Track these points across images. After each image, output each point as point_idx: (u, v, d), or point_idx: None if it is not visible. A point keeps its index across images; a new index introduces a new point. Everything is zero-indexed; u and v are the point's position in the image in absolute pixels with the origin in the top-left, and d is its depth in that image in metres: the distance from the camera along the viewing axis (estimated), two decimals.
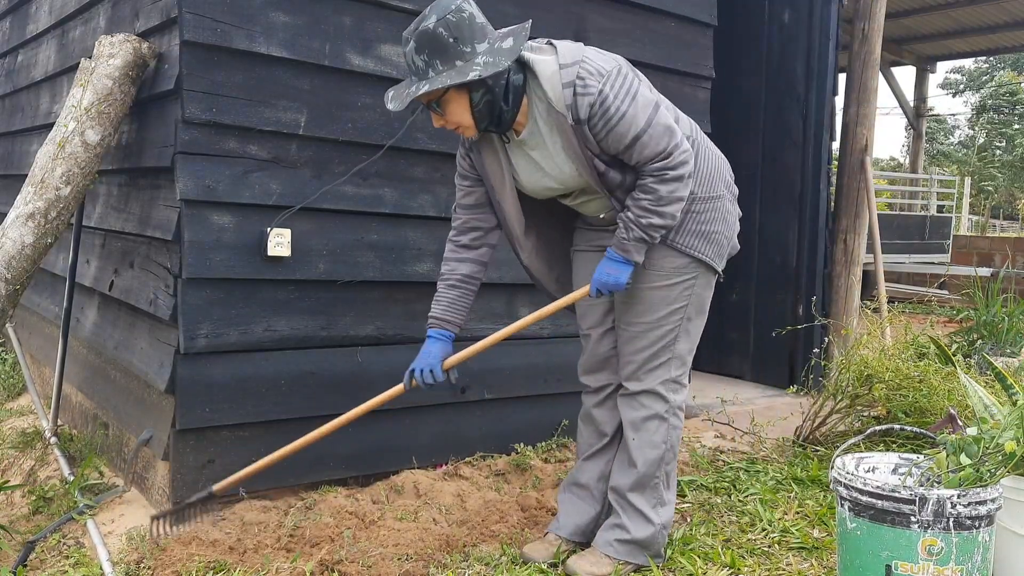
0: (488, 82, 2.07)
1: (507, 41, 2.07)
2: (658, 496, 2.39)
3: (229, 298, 2.60)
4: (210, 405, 2.58)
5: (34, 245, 2.62)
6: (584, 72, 2.08)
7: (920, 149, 12.91)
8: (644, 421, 2.36)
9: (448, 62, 2.03)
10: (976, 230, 17.37)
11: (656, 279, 2.31)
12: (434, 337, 2.36)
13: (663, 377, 2.35)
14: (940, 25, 10.23)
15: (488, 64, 2.02)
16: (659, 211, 2.15)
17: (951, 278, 8.98)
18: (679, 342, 2.35)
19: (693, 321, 2.37)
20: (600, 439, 2.51)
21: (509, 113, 2.14)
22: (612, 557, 2.36)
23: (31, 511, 2.74)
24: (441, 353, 2.34)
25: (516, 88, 2.13)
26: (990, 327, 4.97)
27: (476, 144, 2.29)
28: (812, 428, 3.60)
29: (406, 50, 2.07)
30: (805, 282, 4.71)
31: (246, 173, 2.58)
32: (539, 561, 2.40)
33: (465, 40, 2.03)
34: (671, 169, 2.12)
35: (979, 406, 2.57)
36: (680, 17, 3.49)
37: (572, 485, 2.54)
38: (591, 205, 2.36)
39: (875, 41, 4.81)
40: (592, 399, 2.53)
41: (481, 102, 2.10)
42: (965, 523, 1.87)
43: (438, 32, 2.01)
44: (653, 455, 2.36)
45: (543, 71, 2.11)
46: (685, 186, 2.15)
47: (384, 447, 2.92)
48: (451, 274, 2.37)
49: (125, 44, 2.68)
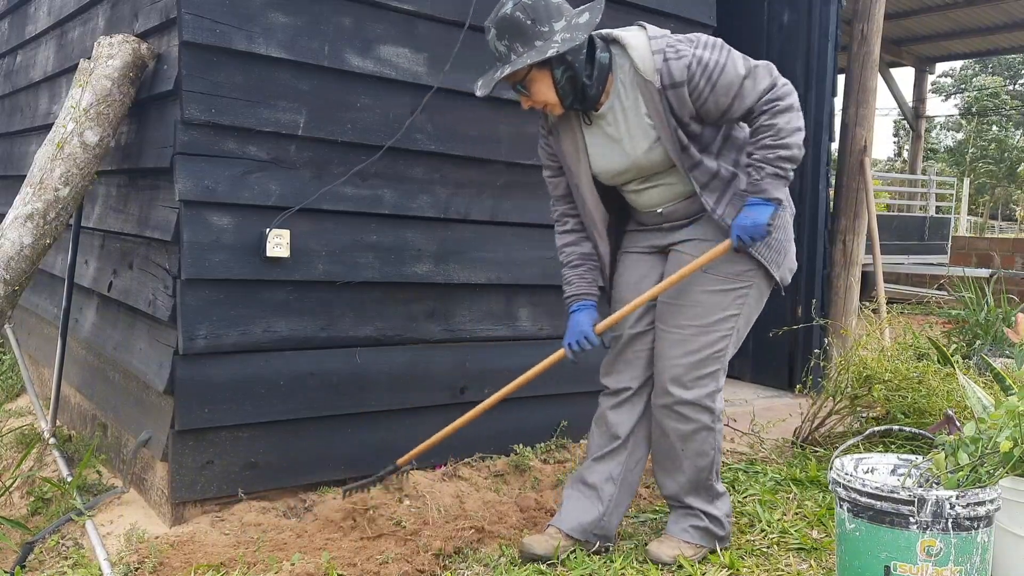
0: (568, 58, 2.16)
1: (583, 16, 2.17)
2: (713, 492, 2.46)
3: (228, 299, 2.60)
4: (209, 406, 2.58)
5: (33, 246, 2.62)
6: (673, 40, 2.20)
7: (919, 150, 12.92)
8: (693, 433, 2.37)
9: (528, 43, 2.13)
10: (975, 231, 17.39)
11: (712, 283, 2.32)
12: (578, 309, 2.42)
13: (710, 389, 2.36)
14: (939, 26, 10.24)
15: (566, 40, 2.12)
16: (783, 143, 2.16)
17: (950, 279, 8.97)
18: (728, 352, 2.37)
19: (740, 333, 2.38)
20: (612, 442, 2.50)
21: (592, 88, 2.22)
22: (689, 542, 2.43)
23: (30, 512, 2.74)
24: (590, 320, 2.40)
25: (602, 64, 2.22)
26: (988, 328, 4.98)
27: (555, 127, 2.38)
28: (811, 429, 3.60)
29: (488, 38, 2.19)
30: (804, 283, 4.71)
31: (245, 174, 2.58)
32: (539, 553, 2.39)
33: (542, 20, 2.13)
34: (779, 100, 2.15)
35: (978, 407, 2.57)
36: (679, 18, 3.50)
37: (579, 483, 2.52)
38: (654, 193, 2.36)
39: (874, 42, 4.81)
40: (609, 401, 2.52)
41: (563, 78, 2.19)
42: (964, 524, 1.87)
43: (516, 16, 2.13)
44: (703, 463, 2.41)
45: (632, 42, 2.21)
46: (798, 116, 2.19)
47: (383, 448, 2.92)
48: (570, 256, 2.47)
49: (124, 45, 2.68)
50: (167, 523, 2.58)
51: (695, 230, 2.38)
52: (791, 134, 2.16)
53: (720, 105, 2.17)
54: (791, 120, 2.16)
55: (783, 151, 2.16)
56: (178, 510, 2.57)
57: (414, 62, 2.85)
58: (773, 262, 2.35)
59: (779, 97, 2.16)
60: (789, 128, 2.16)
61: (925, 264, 10.26)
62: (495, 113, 3.04)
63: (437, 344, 3.02)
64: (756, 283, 2.36)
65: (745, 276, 2.34)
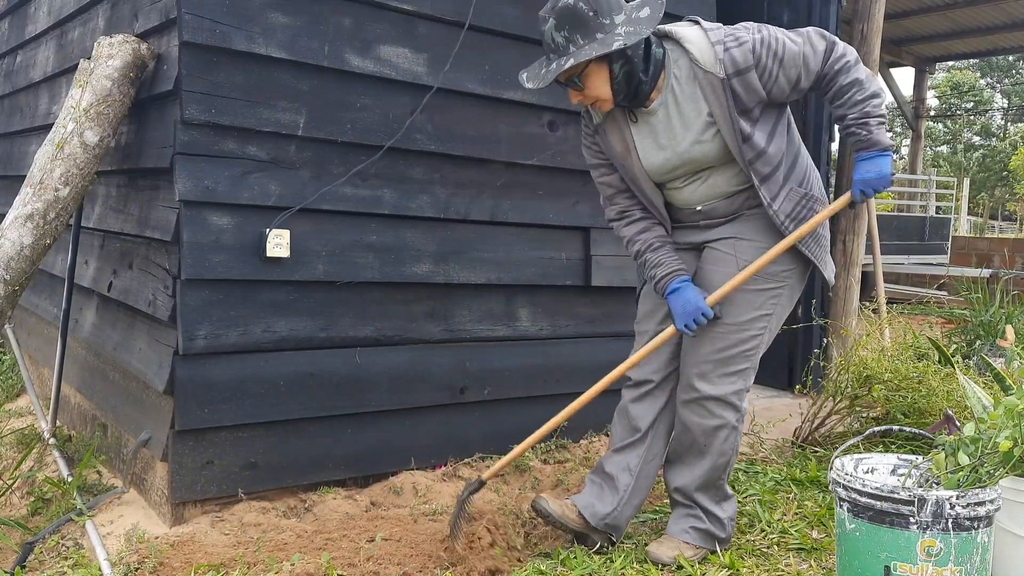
0: (628, 52, 2.13)
1: (644, 11, 2.14)
2: (722, 492, 2.46)
3: (228, 299, 2.60)
4: (209, 406, 2.58)
5: (33, 246, 2.62)
6: (730, 31, 2.20)
7: (919, 150, 12.92)
8: (716, 430, 2.37)
9: (589, 35, 2.08)
10: (975, 231, 17.38)
11: (749, 281, 2.31)
12: (680, 286, 2.30)
13: (738, 387, 2.36)
14: (939, 26, 10.25)
15: (629, 34, 2.08)
16: (872, 92, 2.19)
17: (950, 279, 8.98)
18: (759, 352, 2.37)
19: (772, 333, 2.38)
20: (633, 434, 2.51)
21: (647, 85, 2.20)
22: (689, 543, 2.43)
23: (30, 512, 2.74)
24: (700, 294, 2.30)
25: (657, 60, 2.20)
26: (990, 328, 4.98)
27: (601, 126, 2.34)
28: (811, 429, 3.60)
29: (544, 28, 2.12)
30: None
31: (245, 174, 2.58)
32: (551, 512, 2.43)
33: (604, 12, 2.09)
34: (844, 56, 2.18)
35: (977, 407, 2.57)
36: (679, 18, 3.48)
37: (599, 472, 2.56)
38: (699, 190, 2.34)
39: (874, 42, 4.81)
40: (631, 393, 2.53)
41: (621, 73, 2.15)
42: (964, 524, 1.87)
43: (578, 7, 2.07)
44: (721, 461, 2.41)
45: (690, 36, 2.20)
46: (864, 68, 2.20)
47: (383, 448, 2.92)
48: (648, 241, 2.38)
49: (124, 45, 2.68)
50: (167, 523, 2.58)
51: (731, 228, 2.37)
52: (871, 80, 2.20)
53: (791, 78, 2.18)
54: (861, 71, 2.19)
55: (875, 99, 2.19)
56: (178, 510, 2.57)
57: (414, 62, 2.85)
58: (819, 258, 2.37)
59: (843, 54, 2.18)
60: (868, 77, 2.19)
61: (925, 264, 10.27)
62: (495, 113, 3.04)
63: (437, 344, 3.02)
64: (791, 283, 2.37)
65: (782, 276, 2.35)
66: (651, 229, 2.39)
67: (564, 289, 3.31)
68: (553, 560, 2.43)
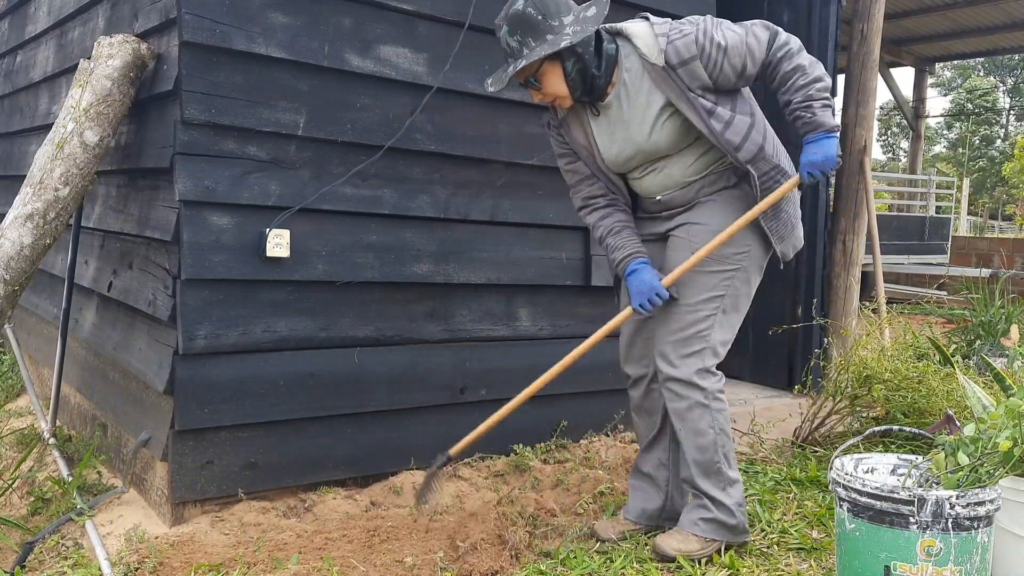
0: (578, 50, 2.24)
1: (591, 10, 2.26)
2: (724, 477, 2.45)
3: (228, 299, 2.60)
4: (209, 406, 2.58)
5: (33, 246, 2.62)
6: (676, 24, 2.30)
7: (919, 150, 12.92)
8: (687, 411, 2.41)
9: (539, 37, 2.21)
10: (975, 231, 17.39)
11: (701, 264, 2.36)
12: (637, 268, 2.39)
13: (697, 366, 2.38)
14: (939, 26, 10.25)
15: (577, 32, 2.21)
16: (815, 76, 2.24)
17: (950, 279, 8.99)
18: (714, 332, 2.39)
19: (728, 315, 2.42)
20: (652, 428, 2.62)
21: (601, 79, 2.30)
22: (698, 535, 2.44)
23: (30, 512, 2.74)
24: (655, 275, 2.38)
25: (609, 56, 2.30)
26: (990, 328, 4.98)
27: (565, 120, 2.45)
28: (811, 429, 3.60)
29: (500, 35, 2.26)
30: (804, 283, 4.71)
31: (245, 174, 2.58)
32: (606, 538, 2.55)
33: (552, 15, 2.22)
34: (787, 44, 2.26)
35: (977, 407, 2.57)
36: (679, 18, 3.49)
37: (637, 473, 2.67)
38: (655, 180, 2.43)
39: (874, 42, 4.81)
40: (636, 390, 2.63)
41: (574, 70, 2.26)
42: (964, 524, 1.87)
43: (527, 12, 2.21)
44: (704, 442, 2.41)
45: (637, 31, 2.31)
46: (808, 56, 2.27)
47: (383, 448, 2.92)
48: (610, 225, 2.46)
49: (124, 45, 2.68)
50: (167, 523, 2.58)
51: (686, 215, 2.45)
52: (815, 66, 2.25)
53: (736, 67, 2.26)
54: (804, 58, 2.26)
55: (818, 83, 2.24)
56: (178, 510, 2.57)
57: (414, 62, 2.85)
58: (777, 234, 2.41)
59: (786, 42, 2.26)
60: (810, 62, 2.25)
61: (925, 264, 10.27)
62: (495, 113, 3.04)
63: (437, 344, 3.02)
64: (744, 266, 2.41)
65: (734, 259, 2.39)
66: (613, 215, 2.48)
67: (564, 289, 3.31)
68: (553, 560, 2.43)
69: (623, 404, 3.52)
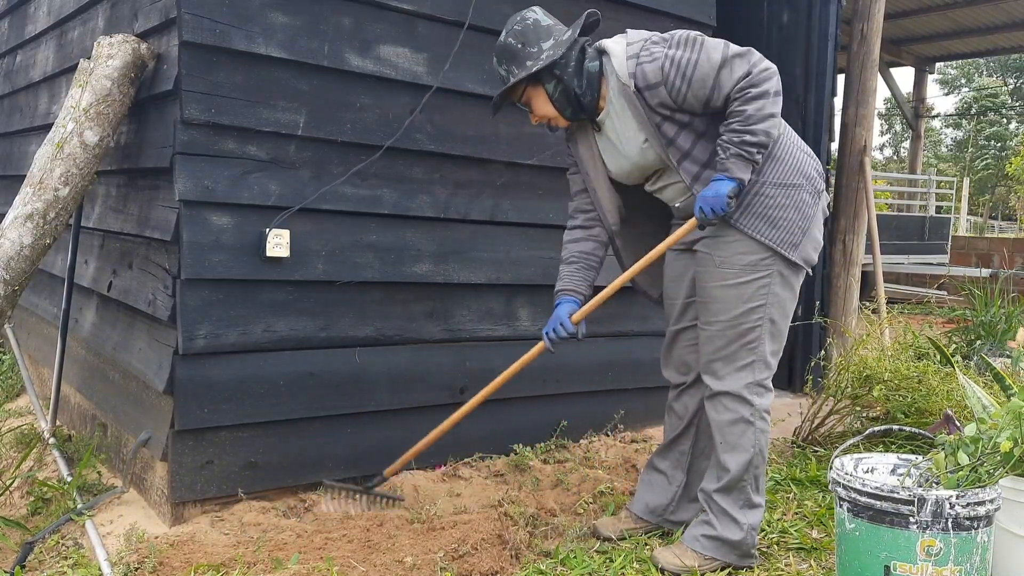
0: (556, 72, 2.29)
1: (566, 34, 2.31)
2: (746, 498, 2.39)
3: (228, 299, 2.60)
4: (209, 406, 2.58)
5: (33, 246, 2.62)
6: (649, 44, 2.28)
7: (919, 150, 12.92)
8: (730, 425, 2.36)
9: (520, 65, 2.29)
10: (975, 231, 17.39)
11: (728, 276, 2.33)
12: (561, 302, 2.49)
13: (746, 380, 2.35)
14: (939, 26, 10.24)
15: (549, 56, 2.26)
16: (750, 129, 2.18)
17: (950, 279, 9.00)
18: (763, 343, 2.35)
19: (777, 323, 2.37)
20: (678, 428, 2.63)
21: (586, 97, 2.33)
22: (697, 552, 2.39)
23: (30, 512, 2.74)
24: (567, 310, 2.47)
25: (591, 73, 2.32)
26: (988, 328, 4.98)
27: (572, 135, 2.50)
28: (811, 429, 3.60)
29: (493, 66, 2.36)
30: (804, 283, 4.70)
31: (245, 174, 2.58)
32: (606, 536, 2.58)
33: (531, 43, 2.29)
34: (753, 87, 2.18)
35: (977, 407, 2.57)
36: (678, 18, 3.50)
37: (650, 468, 2.69)
38: (669, 190, 2.45)
39: (874, 42, 4.81)
40: (673, 392, 2.65)
41: (556, 91, 2.32)
42: (964, 524, 1.87)
43: (508, 43, 2.30)
44: (741, 459, 2.36)
45: (613, 49, 2.32)
46: (773, 102, 2.20)
47: (383, 448, 2.92)
48: (569, 253, 2.54)
49: (124, 45, 2.68)
50: (167, 523, 2.58)
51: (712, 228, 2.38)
52: (760, 120, 2.18)
53: (700, 97, 2.23)
54: (762, 107, 2.17)
55: (749, 136, 2.19)
56: (178, 510, 2.57)
57: (414, 62, 2.85)
58: (785, 243, 2.32)
59: (753, 84, 2.18)
60: (758, 115, 2.17)
61: (925, 264, 10.26)
62: None
63: (437, 344, 3.02)
64: (776, 270, 2.34)
65: (761, 265, 2.33)
66: (580, 243, 2.53)
67: None
68: (553, 560, 2.43)
69: (623, 404, 3.53)
